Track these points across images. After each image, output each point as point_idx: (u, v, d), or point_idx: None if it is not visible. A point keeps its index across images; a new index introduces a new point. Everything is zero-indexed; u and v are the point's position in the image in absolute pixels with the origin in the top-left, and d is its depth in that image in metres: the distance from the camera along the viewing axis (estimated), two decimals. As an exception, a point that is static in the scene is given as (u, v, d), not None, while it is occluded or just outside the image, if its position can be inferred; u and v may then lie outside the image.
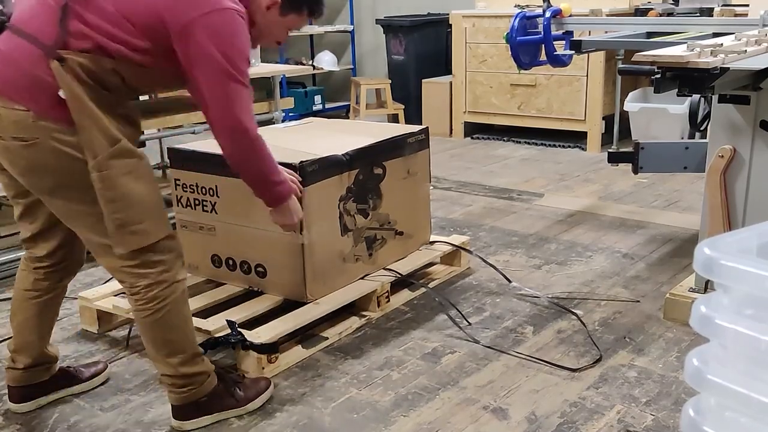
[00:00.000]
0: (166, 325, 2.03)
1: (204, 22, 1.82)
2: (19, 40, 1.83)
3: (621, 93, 5.38)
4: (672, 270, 3.23)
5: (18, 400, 2.26)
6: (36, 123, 1.82)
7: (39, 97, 1.82)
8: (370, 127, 3.29)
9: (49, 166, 1.87)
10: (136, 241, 1.93)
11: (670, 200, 4.28)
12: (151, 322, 2.02)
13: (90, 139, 1.83)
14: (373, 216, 2.92)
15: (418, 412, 2.22)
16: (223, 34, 1.84)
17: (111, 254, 1.95)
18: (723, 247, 1.18)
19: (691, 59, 2.12)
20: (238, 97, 1.89)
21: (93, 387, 2.38)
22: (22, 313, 2.20)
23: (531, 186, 4.66)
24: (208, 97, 1.89)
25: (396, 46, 6.50)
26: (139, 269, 1.97)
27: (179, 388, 2.10)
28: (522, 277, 3.19)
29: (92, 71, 1.82)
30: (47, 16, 1.82)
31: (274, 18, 2.07)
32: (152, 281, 1.98)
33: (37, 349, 2.23)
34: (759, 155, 2.55)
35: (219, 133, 1.96)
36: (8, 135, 1.85)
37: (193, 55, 1.84)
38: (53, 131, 1.83)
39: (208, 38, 1.82)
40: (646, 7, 5.31)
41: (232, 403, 2.19)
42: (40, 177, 1.90)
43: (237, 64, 1.88)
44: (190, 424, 2.14)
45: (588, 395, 2.29)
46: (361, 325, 2.76)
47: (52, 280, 2.18)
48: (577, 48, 3.41)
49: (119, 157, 1.87)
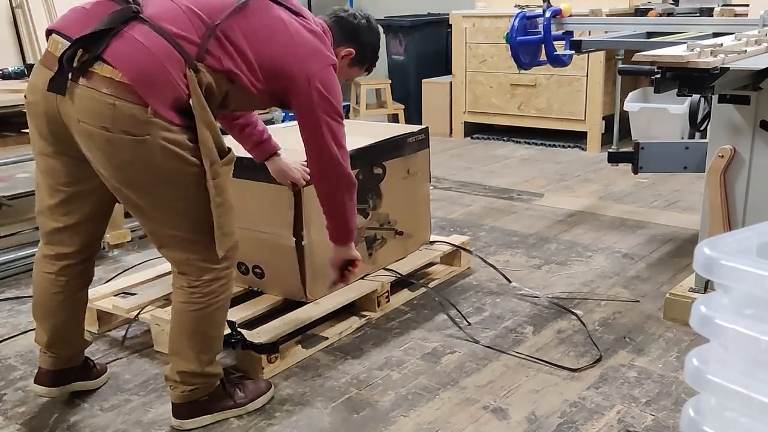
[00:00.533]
0: (213, 321, 2.08)
1: (321, 75, 2.09)
2: (161, 40, 1.86)
3: (621, 93, 5.38)
4: (672, 270, 3.24)
5: (49, 384, 2.25)
6: (150, 120, 1.84)
7: (164, 96, 1.85)
8: (370, 127, 3.29)
9: (154, 163, 1.88)
10: (228, 243, 2.03)
11: (670, 200, 4.28)
12: (201, 316, 2.05)
13: (209, 147, 1.92)
14: (373, 216, 2.92)
15: (418, 412, 2.22)
16: (331, 88, 2.12)
17: (183, 247, 2.00)
18: (723, 247, 1.18)
19: (691, 59, 2.12)
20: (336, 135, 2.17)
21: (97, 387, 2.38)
22: (56, 315, 2.17)
23: (531, 186, 4.66)
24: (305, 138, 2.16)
25: (396, 46, 6.50)
26: (207, 264, 2.02)
27: (189, 386, 2.10)
28: (522, 277, 3.20)
29: (212, 88, 1.94)
30: (189, 26, 1.91)
31: (344, 67, 2.35)
32: (214, 276, 2.03)
33: (77, 341, 2.27)
34: (759, 155, 2.55)
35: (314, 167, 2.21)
36: (118, 128, 1.84)
37: (305, 103, 2.09)
38: (164, 129, 1.86)
39: (319, 93, 2.08)
40: (646, 7, 5.31)
41: (231, 404, 2.19)
42: (140, 171, 1.90)
43: (338, 109, 2.16)
44: (190, 423, 2.14)
45: (588, 395, 2.29)
46: (361, 325, 2.76)
47: (81, 277, 2.18)
48: (577, 48, 3.41)
49: (227, 164, 2.00)
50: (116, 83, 1.81)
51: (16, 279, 3.29)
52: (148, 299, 2.70)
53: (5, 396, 2.36)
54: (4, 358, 2.60)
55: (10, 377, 2.47)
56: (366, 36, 2.36)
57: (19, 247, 3.39)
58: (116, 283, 2.92)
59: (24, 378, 2.42)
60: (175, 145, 1.88)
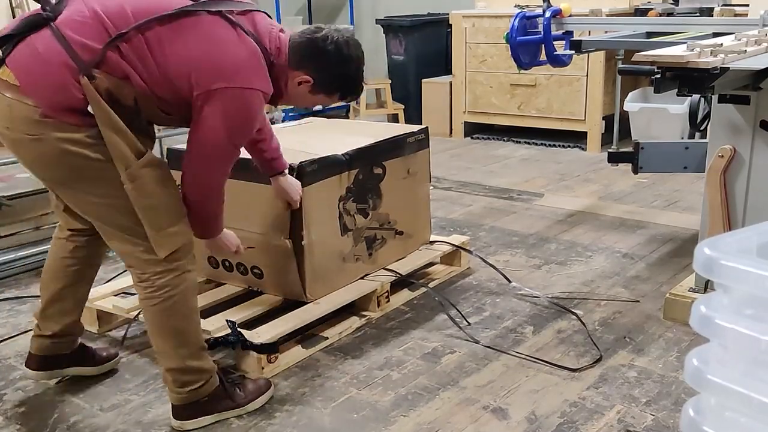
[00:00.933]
0: (176, 314, 2.06)
1: (228, 94, 1.93)
2: (57, 46, 1.88)
3: (621, 93, 5.38)
4: (672, 270, 3.24)
5: (36, 368, 2.31)
6: (40, 120, 1.88)
7: (55, 100, 1.88)
8: (370, 127, 3.29)
9: (54, 161, 1.93)
10: (173, 243, 2.01)
11: (670, 200, 4.28)
12: (161, 310, 2.04)
13: (120, 150, 1.92)
14: (372, 216, 2.92)
15: (418, 412, 2.22)
16: (237, 113, 1.97)
17: (124, 241, 2.02)
18: (723, 247, 1.18)
19: (691, 59, 2.12)
20: (220, 161, 2.03)
21: (101, 373, 2.43)
22: (59, 281, 2.26)
23: (531, 186, 4.66)
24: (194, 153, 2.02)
25: (396, 46, 6.50)
26: (153, 256, 2.01)
27: (182, 386, 2.11)
28: (522, 277, 3.19)
29: (114, 93, 1.92)
30: (94, 33, 1.90)
31: (303, 93, 2.14)
32: (164, 269, 2.02)
33: (71, 317, 2.30)
34: (759, 155, 2.55)
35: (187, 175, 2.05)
36: (17, 128, 1.91)
37: (204, 118, 1.96)
38: (57, 129, 1.89)
39: (222, 112, 1.94)
40: (646, 7, 5.31)
41: (231, 404, 2.19)
42: (46, 170, 1.99)
43: (237, 139, 2.03)
44: (190, 424, 2.14)
45: (588, 395, 2.29)
46: (361, 325, 2.76)
47: (92, 248, 2.25)
48: (577, 48, 3.41)
49: (148, 166, 1.97)
50: (13, 87, 1.89)
51: (16, 279, 3.29)
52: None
53: (5, 396, 2.36)
54: (4, 358, 2.60)
55: (10, 377, 2.47)
56: (332, 64, 2.10)
57: (19, 247, 3.39)
58: (116, 283, 2.92)
59: (24, 378, 2.42)
60: (73, 143, 1.90)
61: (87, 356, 2.42)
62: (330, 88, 2.15)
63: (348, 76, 2.15)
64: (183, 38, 1.93)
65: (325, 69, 2.10)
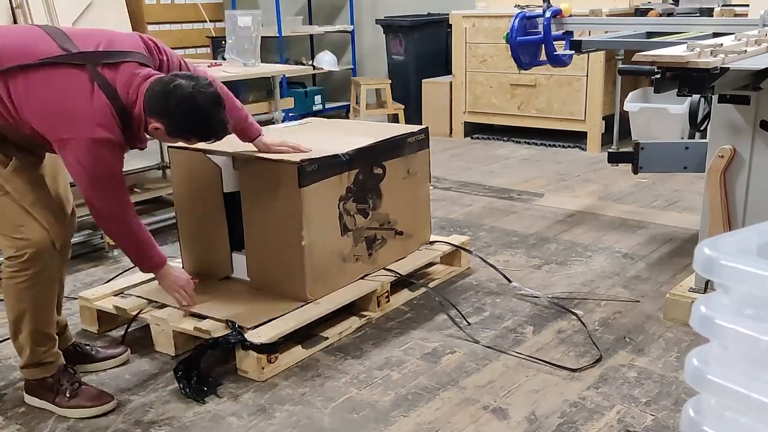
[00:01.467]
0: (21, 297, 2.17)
1: (73, 143, 2.09)
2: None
3: (621, 93, 5.38)
4: (672, 270, 3.24)
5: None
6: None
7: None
8: (370, 127, 3.29)
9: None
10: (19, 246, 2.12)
11: (670, 200, 4.28)
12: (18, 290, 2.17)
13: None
14: (373, 216, 2.92)
15: (418, 412, 2.22)
16: (89, 160, 2.10)
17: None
18: (723, 247, 1.18)
19: (691, 59, 2.12)
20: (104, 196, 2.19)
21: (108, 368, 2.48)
22: None
23: (531, 186, 4.66)
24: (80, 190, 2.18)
25: (396, 46, 6.50)
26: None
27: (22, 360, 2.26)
28: (522, 277, 3.20)
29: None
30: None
31: (162, 135, 2.23)
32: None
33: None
34: (759, 155, 2.55)
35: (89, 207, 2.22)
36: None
37: (68, 164, 2.15)
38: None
39: (77, 160, 2.11)
40: (646, 7, 5.31)
41: (51, 398, 2.26)
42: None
43: (102, 179, 2.15)
44: (29, 399, 2.31)
45: (588, 395, 2.29)
46: (361, 325, 2.76)
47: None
48: (577, 48, 3.41)
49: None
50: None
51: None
52: (148, 299, 2.70)
53: (5, 396, 2.36)
54: (4, 358, 2.60)
55: (10, 377, 2.47)
56: (180, 114, 2.16)
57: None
58: (116, 283, 2.92)
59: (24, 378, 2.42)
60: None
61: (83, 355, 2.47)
62: (182, 134, 2.23)
63: (195, 126, 2.21)
64: (39, 90, 2.07)
65: (172, 117, 2.18)
